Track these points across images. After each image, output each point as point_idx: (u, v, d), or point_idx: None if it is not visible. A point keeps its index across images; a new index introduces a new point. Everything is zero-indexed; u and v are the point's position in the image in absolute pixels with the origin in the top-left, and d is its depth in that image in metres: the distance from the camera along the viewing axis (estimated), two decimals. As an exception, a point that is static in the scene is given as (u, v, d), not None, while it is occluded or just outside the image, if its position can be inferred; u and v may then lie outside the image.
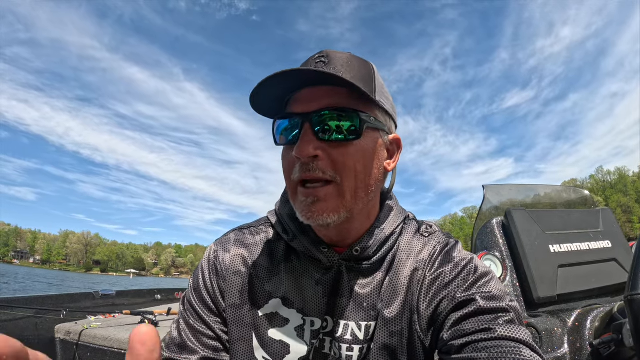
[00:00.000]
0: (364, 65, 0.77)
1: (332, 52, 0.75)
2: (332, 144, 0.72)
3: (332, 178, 0.72)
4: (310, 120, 0.71)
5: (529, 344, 0.64)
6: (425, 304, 0.78)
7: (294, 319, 0.83)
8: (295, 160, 0.73)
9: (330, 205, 0.73)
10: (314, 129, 0.71)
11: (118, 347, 2.98)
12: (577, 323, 1.60)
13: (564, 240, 1.96)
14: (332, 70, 0.70)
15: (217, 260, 0.88)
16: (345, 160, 0.72)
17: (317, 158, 0.71)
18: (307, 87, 0.73)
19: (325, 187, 0.72)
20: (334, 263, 0.82)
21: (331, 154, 0.72)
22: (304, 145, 0.70)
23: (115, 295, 4.81)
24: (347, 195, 0.73)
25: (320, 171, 0.71)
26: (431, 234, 0.88)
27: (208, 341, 0.83)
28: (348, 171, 0.72)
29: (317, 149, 0.71)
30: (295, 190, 0.76)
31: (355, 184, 0.74)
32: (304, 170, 0.72)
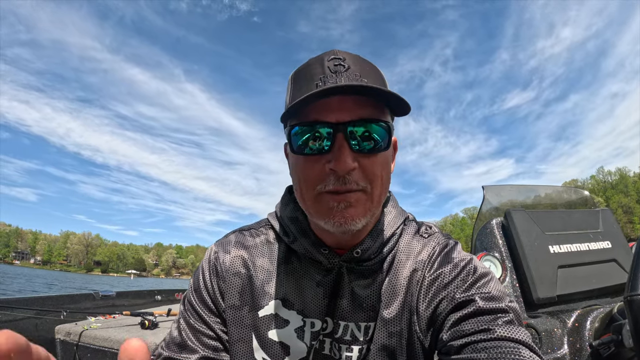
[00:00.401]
0: (375, 69, 0.77)
1: (345, 54, 0.74)
2: (364, 155, 0.72)
3: (364, 188, 0.73)
4: (345, 132, 0.70)
5: (529, 345, 0.64)
6: (425, 305, 0.78)
7: (294, 321, 0.83)
8: (327, 172, 0.72)
9: (360, 211, 0.73)
10: (348, 140, 0.70)
11: (118, 348, 2.98)
12: (576, 324, 1.59)
13: (564, 240, 1.96)
14: (354, 77, 0.70)
15: (217, 261, 0.89)
16: (375, 170, 0.73)
17: (352, 170, 0.71)
18: (335, 95, 0.70)
19: (356, 193, 0.72)
20: (334, 265, 0.82)
21: (364, 165, 0.72)
22: (343, 158, 0.69)
23: (116, 296, 4.81)
24: (374, 200, 0.75)
25: (355, 183, 0.71)
26: (430, 235, 0.88)
27: (208, 341, 0.83)
28: (377, 180, 0.74)
29: (354, 161, 0.70)
30: (318, 199, 0.75)
31: (380, 190, 0.76)
32: (340, 182, 0.71)
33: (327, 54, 0.74)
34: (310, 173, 0.74)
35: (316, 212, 0.76)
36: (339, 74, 0.70)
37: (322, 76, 0.71)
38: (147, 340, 2.97)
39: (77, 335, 3.12)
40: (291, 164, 0.80)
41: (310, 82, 0.72)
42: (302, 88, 0.73)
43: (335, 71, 0.71)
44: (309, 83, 0.72)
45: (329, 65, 0.72)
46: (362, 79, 0.71)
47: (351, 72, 0.71)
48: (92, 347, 3.05)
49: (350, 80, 0.70)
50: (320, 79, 0.71)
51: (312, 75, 0.73)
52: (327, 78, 0.70)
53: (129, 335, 3.05)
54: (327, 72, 0.71)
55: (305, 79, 0.73)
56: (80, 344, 3.09)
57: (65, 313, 3.39)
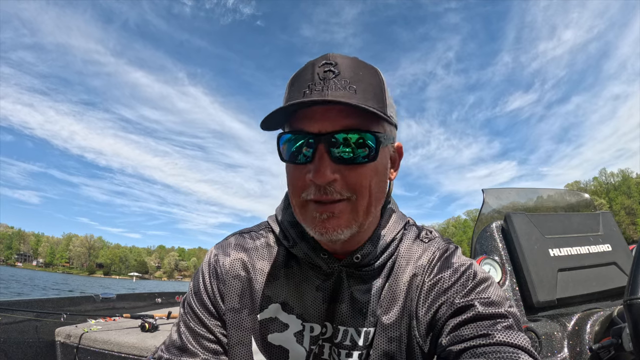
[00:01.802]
0: (372, 73, 0.74)
1: (339, 59, 0.71)
2: (348, 166, 0.70)
3: (348, 197, 0.71)
4: (326, 142, 0.69)
5: (528, 350, 0.64)
6: (424, 310, 0.78)
7: (293, 325, 0.83)
8: (308, 181, 0.71)
9: (343, 221, 0.72)
10: (330, 151, 0.69)
11: (118, 350, 2.99)
12: (576, 327, 1.59)
13: (564, 244, 1.96)
14: (342, 84, 0.68)
15: (217, 264, 0.89)
16: (361, 180, 0.71)
17: (334, 181, 0.69)
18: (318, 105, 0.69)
19: (340, 203, 0.71)
20: (334, 269, 0.82)
21: (347, 176, 0.70)
22: (322, 170, 0.68)
23: (116, 299, 4.81)
24: (360, 211, 0.73)
25: (337, 193, 0.70)
26: (431, 240, 0.88)
27: (208, 344, 0.83)
28: (363, 190, 0.72)
29: (335, 173, 0.69)
30: (304, 206, 0.74)
31: (369, 200, 0.73)
32: (320, 192, 0.70)
33: (320, 59, 0.72)
34: (295, 181, 0.74)
35: (302, 220, 0.76)
36: (326, 81, 0.69)
37: (310, 83, 0.70)
38: (147, 343, 2.98)
39: (77, 337, 3.12)
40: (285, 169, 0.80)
41: (299, 89, 0.71)
42: (293, 94, 0.72)
43: (324, 78, 0.69)
44: (299, 90, 0.71)
45: (318, 71, 0.70)
46: (350, 86, 0.69)
47: (340, 79, 0.69)
48: (93, 349, 3.05)
49: (337, 87, 0.68)
50: (308, 87, 0.70)
51: (302, 82, 0.72)
52: (314, 85, 0.69)
53: (130, 338, 3.06)
54: (316, 78, 0.69)
55: (297, 85, 0.73)
56: (80, 346, 3.10)
57: (66, 315, 3.38)
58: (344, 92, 0.68)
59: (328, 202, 0.71)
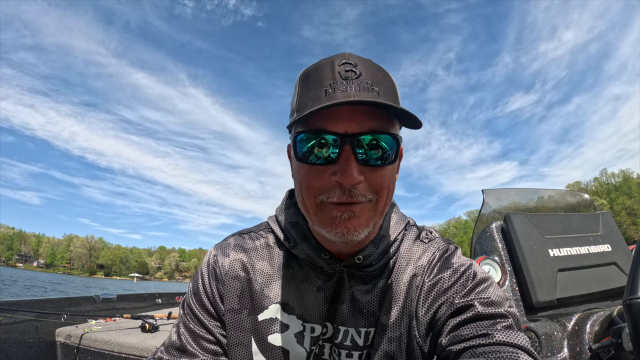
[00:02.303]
0: (387, 76, 0.74)
1: (357, 59, 0.71)
2: (372, 168, 0.71)
3: (370, 199, 0.72)
4: (353, 144, 0.68)
5: (527, 350, 0.64)
6: (424, 310, 0.78)
7: (293, 325, 0.83)
8: (332, 183, 0.70)
9: (363, 221, 0.73)
10: (355, 152, 0.68)
11: (119, 351, 2.99)
12: (576, 327, 1.59)
13: (564, 244, 1.96)
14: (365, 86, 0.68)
15: (216, 265, 0.89)
16: (383, 182, 0.72)
17: (358, 183, 0.70)
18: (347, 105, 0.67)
19: (361, 204, 0.72)
20: (335, 270, 0.82)
21: (370, 178, 0.71)
22: (350, 171, 0.67)
23: (116, 299, 4.81)
24: (378, 211, 0.75)
25: (362, 195, 0.70)
26: (431, 240, 0.89)
27: (208, 345, 0.83)
28: (384, 191, 0.73)
29: (361, 174, 0.69)
30: (319, 207, 0.74)
31: (386, 200, 0.75)
32: (346, 195, 0.70)
33: (338, 57, 0.71)
34: (313, 183, 0.72)
35: (318, 221, 0.75)
36: (349, 81, 0.67)
37: (332, 82, 0.68)
38: (147, 344, 2.98)
39: (78, 338, 3.13)
40: (294, 169, 0.79)
41: (319, 87, 0.69)
42: (310, 91, 0.70)
43: (346, 77, 0.68)
44: (318, 88, 0.69)
45: (339, 70, 0.69)
46: (373, 88, 0.68)
47: (362, 80, 0.68)
48: (93, 350, 3.05)
49: (361, 88, 0.67)
50: (330, 85, 0.68)
51: (321, 79, 0.70)
52: (337, 84, 0.67)
53: (130, 339, 3.06)
54: (338, 77, 0.68)
55: (315, 82, 0.71)
56: (80, 346, 3.10)
57: (66, 316, 3.38)
58: (368, 93, 0.67)
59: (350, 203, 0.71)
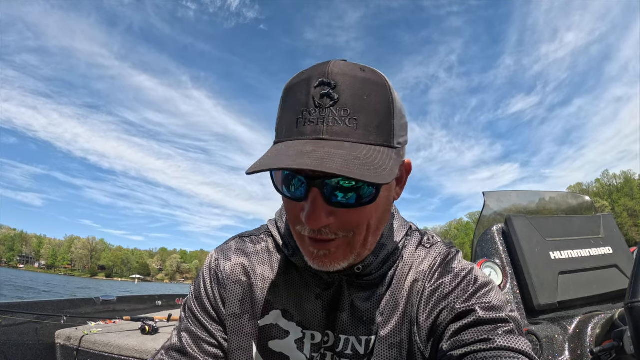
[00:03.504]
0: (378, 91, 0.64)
1: (339, 77, 0.61)
2: (344, 210, 0.64)
3: (344, 236, 0.68)
4: (322, 187, 0.62)
5: (528, 354, 0.63)
6: (425, 315, 0.77)
7: (293, 332, 0.82)
8: (302, 220, 0.65)
9: (339, 256, 0.70)
10: (324, 194, 0.62)
11: (118, 353, 2.98)
12: (577, 330, 1.58)
13: (565, 246, 1.95)
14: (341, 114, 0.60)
15: (218, 269, 0.88)
16: (359, 221, 0.67)
17: (328, 224, 0.65)
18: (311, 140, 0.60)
19: (336, 240, 0.68)
20: (334, 279, 0.81)
21: (343, 218, 0.65)
22: (314, 216, 0.62)
23: (116, 301, 4.80)
24: (357, 245, 0.70)
25: (332, 234, 0.66)
26: (433, 245, 0.87)
27: (209, 348, 0.83)
28: (360, 228, 0.68)
29: (330, 216, 0.64)
30: (301, 238, 0.71)
31: (366, 235, 0.70)
32: (315, 233, 0.66)
33: (316, 75, 0.62)
34: (290, 213, 0.70)
35: (300, 248, 0.74)
36: (322, 110, 0.60)
37: (305, 109, 0.61)
38: (147, 346, 2.97)
39: (78, 340, 3.12)
40: None
41: (293, 112, 0.64)
42: (285, 114, 0.66)
43: (320, 105, 0.60)
44: (292, 112, 0.64)
45: (314, 93, 0.61)
46: (351, 118, 0.60)
47: (339, 108, 0.60)
48: (93, 352, 3.05)
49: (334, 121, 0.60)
50: (302, 113, 0.62)
51: (295, 103, 0.64)
52: (309, 113, 0.61)
53: (130, 341, 3.06)
54: (311, 103, 0.61)
55: (291, 104, 0.65)
56: (80, 349, 3.09)
57: (66, 318, 3.38)
58: (342, 127, 0.60)
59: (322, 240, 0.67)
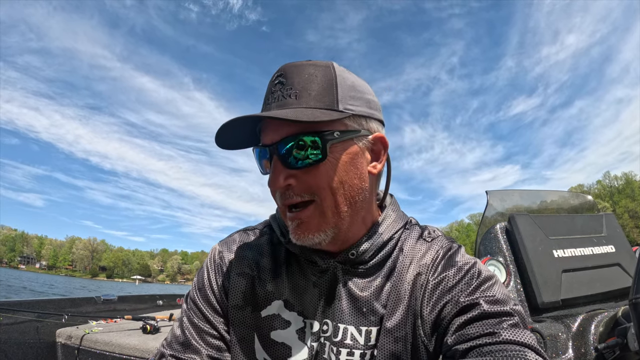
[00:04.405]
0: (323, 73, 0.75)
1: (288, 67, 0.76)
2: (301, 170, 0.73)
3: (311, 198, 0.75)
4: (276, 152, 0.73)
5: (534, 348, 0.63)
6: (429, 309, 0.77)
7: (295, 322, 0.83)
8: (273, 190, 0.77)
9: (312, 226, 0.76)
10: (281, 159, 0.73)
11: (119, 352, 2.98)
12: (581, 328, 1.58)
13: (568, 245, 1.94)
14: (286, 91, 0.74)
15: (221, 261, 0.90)
16: (317, 181, 0.74)
17: (290, 186, 0.74)
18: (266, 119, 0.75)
19: (307, 208, 0.75)
20: (329, 265, 0.82)
21: (302, 179, 0.74)
22: (274, 177, 0.73)
23: (117, 300, 4.80)
24: (327, 212, 0.75)
25: (297, 196, 0.74)
26: (434, 239, 0.88)
27: (212, 340, 0.84)
28: (323, 190, 0.74)
29: (288, 178, 0.74)
30: (284, 213, 0.80)
31: (335, 200, 0.75)
32: (283, 198, 0.76)
33: (277, 72, 0.77)
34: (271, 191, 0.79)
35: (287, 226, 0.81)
36: (273, 94, 0.75)
37: (266, 98, 0.77)
38: (148, 345, 2.97)
39: (79, 339, 3.13)
40: None
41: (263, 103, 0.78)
42: None
43: (273, 91, 0.75)
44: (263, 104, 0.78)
45: (271, 85, 0.77)
46: (293, 92, 0.73)
47: (285, 87, 0.74)
48: (94, 351, 3.05)
49: (280, 97, 0.74)
50: (266, 102, 0.77)
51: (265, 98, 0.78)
52: (268, 100, 0.76)
53: (131, 340, 3.06)
54: (269, 92, 0.77)
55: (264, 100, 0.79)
56: (81, 347, 3.09)
57: (67, 317, 3.38)
58: (287, 100, 0.73)
59: (293, 207, 0.76)
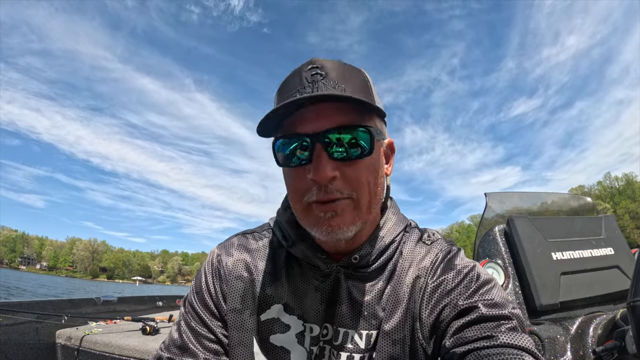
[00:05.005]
0: (357, 74, 0.75)
1: (324, 62, 0.73)
2: (346, 163, 0.72)
3: (349, 195, 0.72)
4: (323, 141, 0.70)
5: (532, 352, 0.63)
6: (427, 312, 0.77)
7: (294, 326, 0.83)
8: (309, 183, 0.72)
9: (347, 219, 0.73)
10: (327, 149, 0.70)
11: (119, 353, 2.98)
12: (579, 330, 1.58)
13: (567, 247, 1.94)
14: (331, 84, 0.70)
15: (220, 264, 0.89)
16: (360, 176, 0.73)
17: (334, 179, 0.71)
18: (310, 105, 0.70)
19: (342, 201, 0.72)
20: (332, 269, 0.82)
21: (346, 173, 0.72)
22: (321, 168, 0.69)
23: (117, 301, 4.79)
24: (362, 208, 0.75)
25: (338, 191, 0.71)
26: (433, 242, 0.88)
27: (209, 344, 0.83)
28: (363, 186, 0.73)
29: (334, 170, 0.70)
30: (307, 209, 0.75)
31: (369, 197, 0.75)
32: (322, 192, 0.71)
33: (305, 65, 0.74)
34: (296, 185, 0.75)
35: (306, 223, 0.77)
36: (315, 83, 0.70)
37: (300, 87, 0.71)
38: (148, 346, 2.97)
39: (78, 340, 3.12)
40: (283, 175, 0.81)
41: (289, 95, 0.72)
42: (280, 102, 0.72)
43: (313, 81, 0.70)
44: (289, 96, 0.71)
45: (306, 75, 0.71)
46: (339, 86, 0.70)
47: (329, 80, 0.70)
48: (93, 352, 3.04)
49: (327, 88, 0.69)
50: (298, 91, 0.70)
51: (290, 88, 0.72)
52: (304, 89, 0.70)
53: (131, 341, 3.05)
54: (305, 82, 0.71)
55: (286, 92, 0.73)
56: (81, 348, 3.09)
57: (67, 317, 3.37)
58: (333, 91, 0.69)
59: (330, 201, 0.72)
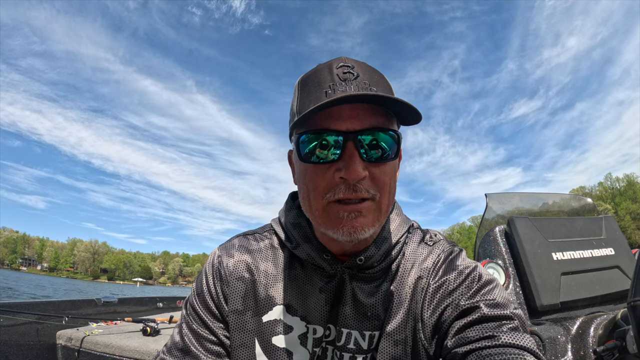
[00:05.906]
0: (381, 76, 0.77)
1: (355, 63, 0.74)
2: (373, 164, 0.72)
3: (373, 196, 0.72)
4: (356, 140, 0.70)
5: (533, 352, 0.63)
6: (429, 312, 0.77)
7: (297, 327, 0.83)
8: (337, 180, 0.71)
9: (369, 220, 0.73)
10: (359, 148, 0.70)
11: (119, 354, 2.98)
12: (580, 331, 1.57)
13: (567, 247, 1.95)
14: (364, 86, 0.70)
15: (220, 266, 0.89)
16: (385, 178, 0.73)
17: (363, 179, 0.71)
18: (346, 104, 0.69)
19: (365, 202, 0.72)
20: (337, 271, 0.82)
21: (373, 174, 0.72)
22: (354, 167, 0.69)
23: (117, 303, 4.80)
24: (382, 210, 0.75)
25: (365, 191, 0.71)
26: (435, 243, 0.88)
27: (211, 346, 0.83)
28: (386, 188, 0.74)
29: (365, 170, 0.70)
30: (326, 208, 0.74)
31: (389, 199, 0.76)
32: (350, 190, 0.70)
33: (335, 61, 0.74)
34: (319, 181, 0.73)
35: (325, 222, 0.75)
36: (348, 82, 0.70)
37: (331, 83, 0.70)
38: (148, 347, 2.97)
39: (79, 340, 3.12)
40: (298, 172, 0.79)
41: (319, 89, 0.71)
42: (310, 94, 0.72)
43: (345, 79, 0.70)
44: (318, 90, 0.71)
45: (337, 72, 0.71)
46: (371, 88, 0.71)
47: (360, 80, 0.71)
48: (94, 353, 3.04)
49: (360, 88, 0.69)
50: (329, 87, 0.70)
51: (320, 82, 0.72)
52: (336, 86, 0.70)
53: (131, 342, 3.05)
54: (337, 79, 0.71)
55: (314, 86, 0.73)
56: (81, 349, 3.09)
57: (67, 318, 3.38)
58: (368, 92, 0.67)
59: (355, 200, 0.71)
